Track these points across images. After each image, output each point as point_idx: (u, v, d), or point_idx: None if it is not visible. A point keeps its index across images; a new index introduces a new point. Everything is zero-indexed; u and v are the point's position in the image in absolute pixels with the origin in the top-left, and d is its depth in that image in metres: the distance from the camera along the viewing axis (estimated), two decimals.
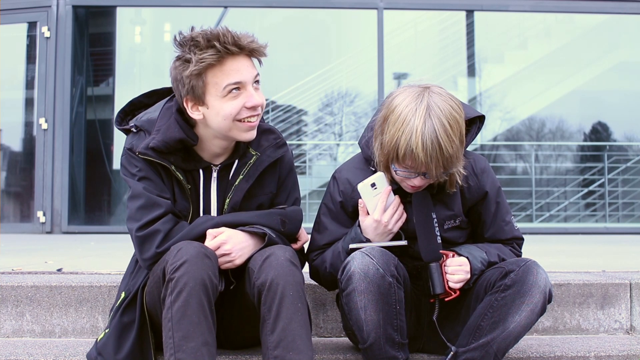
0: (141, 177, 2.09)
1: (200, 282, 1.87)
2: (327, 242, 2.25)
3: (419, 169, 2.03)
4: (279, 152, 2.20)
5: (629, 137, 9.29)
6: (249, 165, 2.15)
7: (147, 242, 2.04)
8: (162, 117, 2.12)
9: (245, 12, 8.14)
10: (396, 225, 2.16)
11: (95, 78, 8.73)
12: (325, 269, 2.22)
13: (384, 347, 2.02)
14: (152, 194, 2.07)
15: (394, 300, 2.01)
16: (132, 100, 2.26)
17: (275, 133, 2.22)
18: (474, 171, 2.22)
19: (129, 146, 2.13)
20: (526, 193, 8.94)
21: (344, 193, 2.24)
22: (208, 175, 2.16)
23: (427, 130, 1.96)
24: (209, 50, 1.98)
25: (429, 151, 1.96)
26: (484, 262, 2.14)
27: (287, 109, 9.09)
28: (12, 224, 7.62)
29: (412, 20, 8.67)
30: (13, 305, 2.56)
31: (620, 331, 2.67)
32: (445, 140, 1.97)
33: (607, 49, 9.14)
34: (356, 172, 2.25)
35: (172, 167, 2.09)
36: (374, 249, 2.04)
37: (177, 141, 2.07)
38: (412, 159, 1.99)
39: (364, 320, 2.00)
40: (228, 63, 2.01)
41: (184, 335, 1.83)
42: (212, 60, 1.99)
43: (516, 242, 2.29)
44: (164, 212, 2.06)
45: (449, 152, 1.98)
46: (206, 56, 1.98)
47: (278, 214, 2.17)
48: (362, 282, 1.99)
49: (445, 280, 2.11)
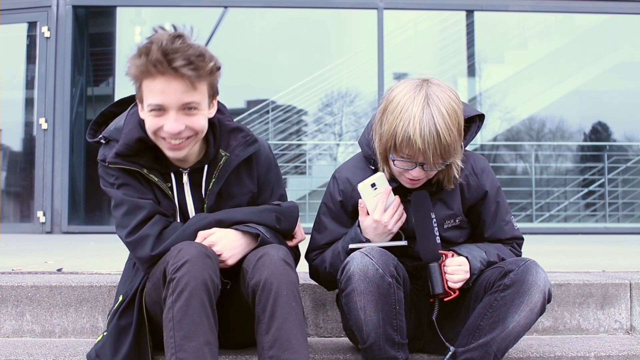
0: (119, 185, 2.08)
1: (201, 282, 1.87)
2: (327, 242, 2.25)
3: (416, 158, 2.02)
4: (249, 149, 2.16)
5: (629, 137, 9.29)
6: (218, 168, 2.12)
7: (138, 246, 2.04)
8: (128, 123, 2.09)
9: (245, 12, 8.15)
10: (396, 225, 2.15)
11: (95, 78, 8.73)
12: (325, 269, 2.22)
13: (384, 347, 2.02)
14: (133, 198, 2.06)
15: (394, 301, 2.01)
16: (102, 111, 2.22)
17: (243, 131, 2.17)
18: (474, 170, 2.23)
19: (101, 157, 2.11)
20: (526, 193, 8.94)
21: (344, 192, 2.24)
22: (179, 179, 2.13)
23: (425, 117, 1.97)
24: (139, 60, 1.91)
25: (427, 138, 1.96)
26: (484, 261, 2.14)
27: (287, 109, 9.09)
28: (12, 224, 7.62)
29: (412, 20, 8.67)
30: (13, 305, 2.56)
31: (620, 331, 2.67)
32: (443, 128, 1.97)
33: (607, 49, 9.14)
34: (356, 172, 2.25)
35: (143, 170, 2.07)
36: (373, 249, 2.04)
37: (137, 140, 2.04)
38: (410, 146, 1.99)
39: (363, 320, 2.00)
40: (157, 80, 1.91)
41: (185, 334, 1.83)
42: (139, 71, 1.92)
43: (516, 242, 2.29)
44: (148, 213, 2.05)
45: (446, 140, 1.98)
46: (134, 64, 1.92)
47: (273, 211, 2.15)
48: (362, 282, 1.98)
49: (445, 280, 2.11)
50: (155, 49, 1.87)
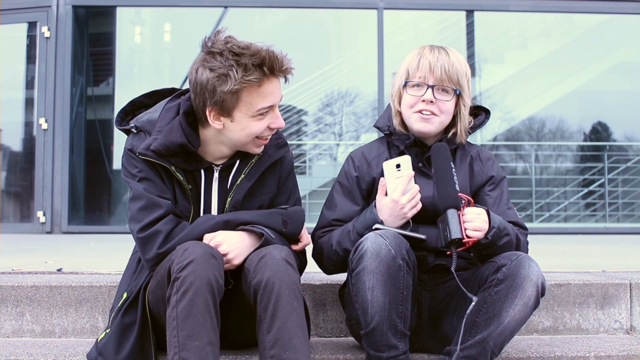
0: (141, 178, 2.09)
1: (206, 281, 1.87)
2: (336, 218, 2.28)
3: (427, 79, 2.20)
4: (280, 152, 2.22)
5: (629, 137, 9.29)
6: (250, 165, 2.16)
7: (148, 243, 2.05)
8: (163, 118, 2.11)
9: (245, 12, 8.14)
10: (411, 211, 2.16)
11: (95, 78, 8.73)
12: (332, 246, 2.22)
13: (386, 333, 2.02)
14: (152, 195, 2.07)
15: (402, 285, 2.02)
16: (133, 100, 2.25)
17: (277, 133, 2.23)
18: (480, 157, 2.35)
19: (129, 147, 2.13)
20: (526, 193, 8.94)
21: (359, 168, 2.32)
22: (209, 175, 2.16)
23: (436, 45, 2.27)
24: (255, 73, 1.97)
25: (436, 54, 2.22)
26: (501, 223, 2.13)
27: (287, 109, 9.09)
28: (12, 224, 7.62)
29: (412, 20, 8.67)
30: (13, 305, 2.56)
31: (620, 331, 2.67)
32: (452, 53, 2.25)
33: (607, 49, 9.14)
34: (371, 148, 2.37)
35: (172, 167, 2.09)
36: (388, 232, 2.06)
37: (178, 145, 2.07)
38: (421, 66, 2.21)
39: (369, 301, 2.01)
40: (265, 85, 2.02)
41: (189, 334, 1.84)
42: (255, 83, 1.99)
43: (520, 229, 2.28)
44: (165, 212, 2.06)
45: (455, 63, 2.22)
46: (252, 79, 1.97)
47: (279, 214, 2.17)
48: (373, 261, 2.00)
49: (463, 227, 2.07)
50: (268, 59, 1.98)
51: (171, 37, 9.33)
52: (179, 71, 8.57)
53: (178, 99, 2.17)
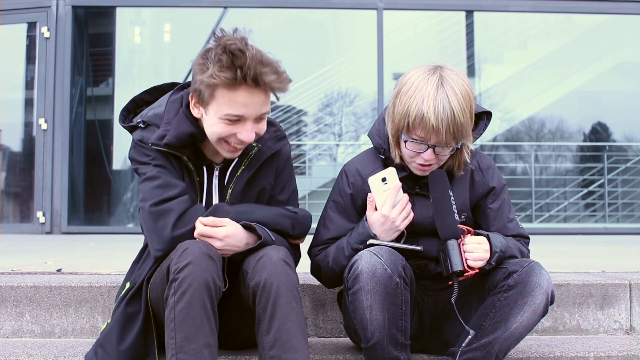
0: (156, 165, 2.09)
1: (204, 283, 1.87)
2: (332, 237, 2.24)
3: (428, 139, 2.03)
4: (279, 144, 2.22)
5: (629, 137, 9.29)
6: (249, 157, 2.16)
7: (160, 219, 2.01)
8: (169, 110, 2.12)
9: (244, 13, 8.14)
10: (403, 222, 2.14)
11: (94, 78, 8.73)
12: (328, 264, 2.20)
13: (387, 347, 2.01)
14: (168, 177, 2.07)
15: (400, 301, 2.00)
16: (134, 97, 2.26)
17: (275, 126, 2.23)
18: (480, 167, 2.25)
19: (139, 138, 2.12)
20: (526, 193, 8.94)
21: (354, 185, 2.24)
22: (210, 172, 2.17)
23: (439, 96, 1.99)
24: (226, 72, 1.92)
25: (441, 115, 1.97)
26: (503, 245, 2.11)
27: (287, 109, 9.09)
28: (12, 224, 7.62)
29: (411, 20, 8.67)
30: (13, 305, 2.56)
31: (620, 331, 2.67)
32: (457, 107, 1.99)
33: (607, 49, 9.14)
34: (366, 163, 2.25)
35: (184, 157, 2.10)
36: (382, 249, 2.03)
37: (189, 135, 2.07)
38: (423, 125, 2.00)
39: (369, 319, 1.99)
40: (240, 92, 1.95)
41: (186, 336, 1.83)
42: (225, 83, 1.93)
43: (522, 240, 2.27)
44: (180, 191, 2.05)
45: (459, 119, 1.99)
46: (221, 76, 1.92)
47: (290, 217, 2.16)
48: (370, 281, 1.97)
49: (464, 258, 2.05)
50: (246, 65, 1.89)
51: (171, 38, 9.33)
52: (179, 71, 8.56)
53: (181, 92, 2.18)
